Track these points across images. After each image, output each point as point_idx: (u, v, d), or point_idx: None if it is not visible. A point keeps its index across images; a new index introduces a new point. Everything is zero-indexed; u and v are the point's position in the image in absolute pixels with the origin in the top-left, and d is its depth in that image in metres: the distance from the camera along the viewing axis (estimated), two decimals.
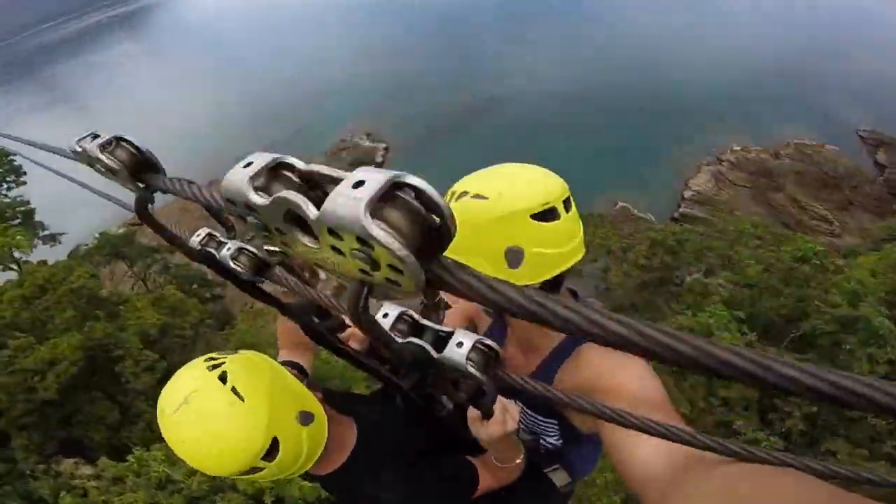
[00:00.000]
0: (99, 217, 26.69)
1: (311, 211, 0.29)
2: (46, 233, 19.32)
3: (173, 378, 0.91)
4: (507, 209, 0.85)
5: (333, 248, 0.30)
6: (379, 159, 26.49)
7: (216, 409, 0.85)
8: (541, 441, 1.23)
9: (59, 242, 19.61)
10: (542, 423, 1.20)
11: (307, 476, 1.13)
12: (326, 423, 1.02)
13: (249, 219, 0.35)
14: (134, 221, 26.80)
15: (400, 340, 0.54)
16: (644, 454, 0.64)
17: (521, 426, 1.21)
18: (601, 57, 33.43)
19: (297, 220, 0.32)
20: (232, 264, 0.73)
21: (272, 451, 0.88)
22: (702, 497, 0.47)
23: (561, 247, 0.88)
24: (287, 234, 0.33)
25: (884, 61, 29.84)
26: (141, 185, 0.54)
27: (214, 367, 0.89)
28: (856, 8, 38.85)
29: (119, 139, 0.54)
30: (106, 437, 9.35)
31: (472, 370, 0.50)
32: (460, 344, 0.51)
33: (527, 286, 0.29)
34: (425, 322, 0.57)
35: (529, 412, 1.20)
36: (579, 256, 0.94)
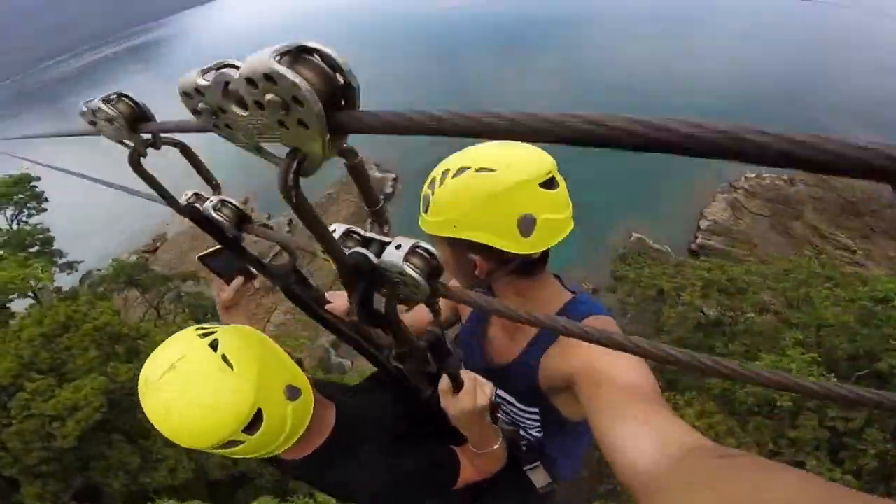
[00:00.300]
0: (112, 244, 26.76)
1: (234, 74, 0.36)
2: (64, 261, 19.06)
3: (160, 346, 0.88)
4: (519, 178, 0.86)
5: (257, 102, 0.34)
6: (388, 189, 26.32)
7: (204, 375, 0.83)
8: (521, 433, 1.19)
9: (76, 270, 19.40)
10: (522, 414, 1.15)
11: (277, 463, 1.08)
12: (313, 401, 0.99)
13: (201, 104, 0.41)
14: (146, 249, 27.05)
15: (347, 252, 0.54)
16: (636, 444, 0.61)
17: (500, 415, 1.18)
18: (603, 84, 33.83)
19: (234, 95, 0.37)
20: (214, 214, 0.76)
21: (255, 423, 0.85)
22: (692, 491, 0.46)
23: (563, 213, 0.92)
24: (227, 111, 0.39)
25: (893, 80, 29.92)
26: (138, 137, 0.62)
27: (205, 335, 0.88)
28: (860, 25, 39.49)
29: (120, 95, 0.62)
30: (125, 483, 8.75)
31: (411, 272, 0.49)
32: (399, 246, 0.52)
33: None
34: (371, 234, 0.57)
35: (509, 400, 1.16)
36: (572, 226, 0.95)
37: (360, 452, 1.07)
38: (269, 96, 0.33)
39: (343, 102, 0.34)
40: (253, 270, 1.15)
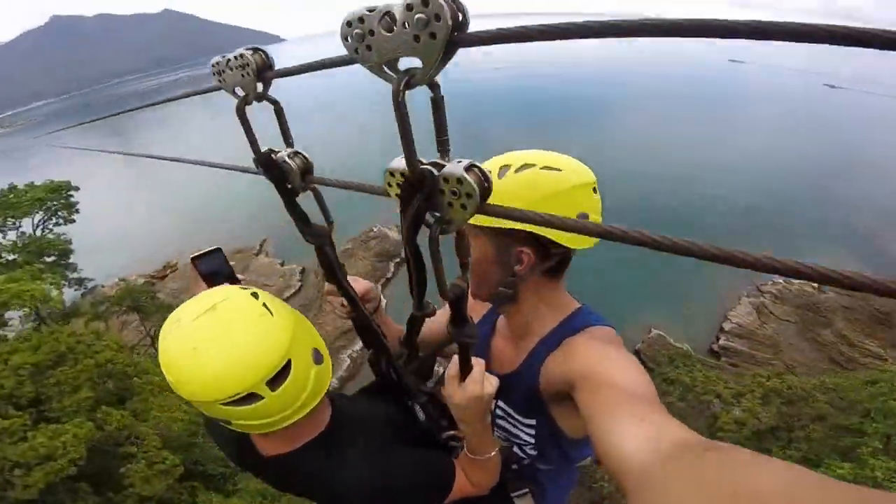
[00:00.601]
0: (121, 264, 26.86)
1: (396, 3, 0.48)
2: (76, 275, 18.81)
3: (197, 296, 0.87)
4: (581, 180, 0.93)
5: (406, 23, 0.47)
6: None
7: (244, 317, 0.83)
8: (514, 449, 1.17)
9: (86, 288, 19.06)
10: (519, 426, 1.13)
11: (257, 462, 1.04)
12: (331, 372, 0.97)
13: (356, 31, 0.51)
14: (155, 274, 26.97)
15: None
16: (629, 440, 0.62)
17: (497, 432, 1.18)
18: (629, 171, 33.97)
19: (387, 19, 0.49)
20: (287, 160, 0.83)
21: (280, 377, 0.83)
22: (682, 482, 0.46)
23: (600, 218, 0.97)
24: (375, 33, 0.50)
25: None
26: (259, 84, 0.76)
27: (244, 289, 0.90)
28: (888, 109, 39.54)
29: (257, 48, 0.76)
30: None
31: (469, 178, 0.55)
32: (459, 162, 0.58)
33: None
34: (434, 160, 0.63)
35: (508, 411, 1.14)
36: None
37: (351, 452, 1.03)
38: (418, 15, 0.44)
39: (460, 28, 0.45)
40: (239, 277, 1.19)
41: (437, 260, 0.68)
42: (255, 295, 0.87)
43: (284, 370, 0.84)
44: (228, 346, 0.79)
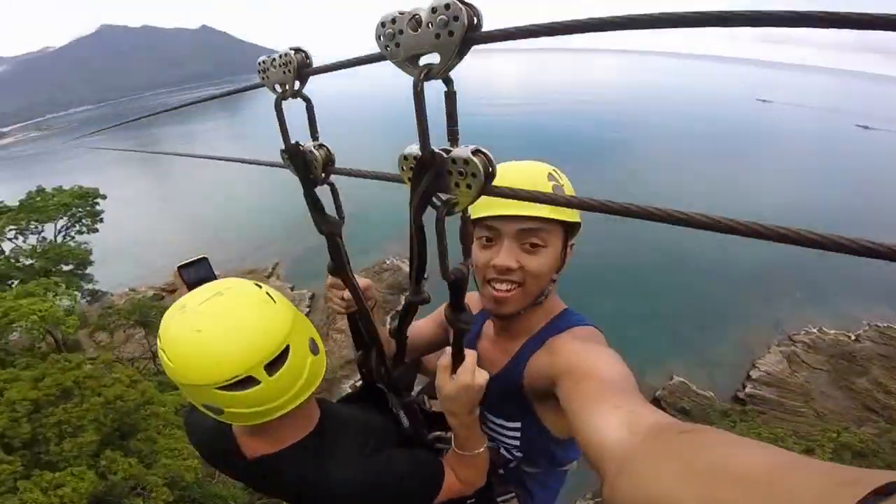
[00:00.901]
0: (132, 274, 26.59)
1: (423, 7, 0.56)
2: (90, 286, 18.27)
3: (202, 286, 0.90)
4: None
5: (429, 23, 0.53)
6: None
7: (249, 302, 0.86)
8: (500, 451, 1.17)
9: (98, 301, 18.50)
10: (504, 430, 1.15)
11: (240, 471, 1.04)
12: (325, 365, 0.99)
13: (388, 30, 0.57)
14: (165, 287, 26.59)
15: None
16: (606, 426, 0.62)
17: (483, 429, 1.16)
18: (646, 224, 33.91)
19: (414, 20, 0.55)
20: (313, 149, 0.91)
21: (278, 362, 0.85)
22: (658, 462, 0.46)
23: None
24: (403, 31, 0.57)
25: None
26: (297, 82, 0.85)
27: (248, 280, 0.94)
28: None
29: (298, 49, 0.84)
30: None
31: (475, 160, 0.59)
32: (467, 146, 0.61)
33: None
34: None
35: (491, 417, 1.17)
36: None
37: (341, 453, 1.02)
38: (441, 16, 0.51)
39: (474, 28, 0.52)
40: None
41: (442, 241, 0.70)
42: (258, 285, 0.92)
43: (283, 356, 0.86)
44: (233, 326, 0.82)
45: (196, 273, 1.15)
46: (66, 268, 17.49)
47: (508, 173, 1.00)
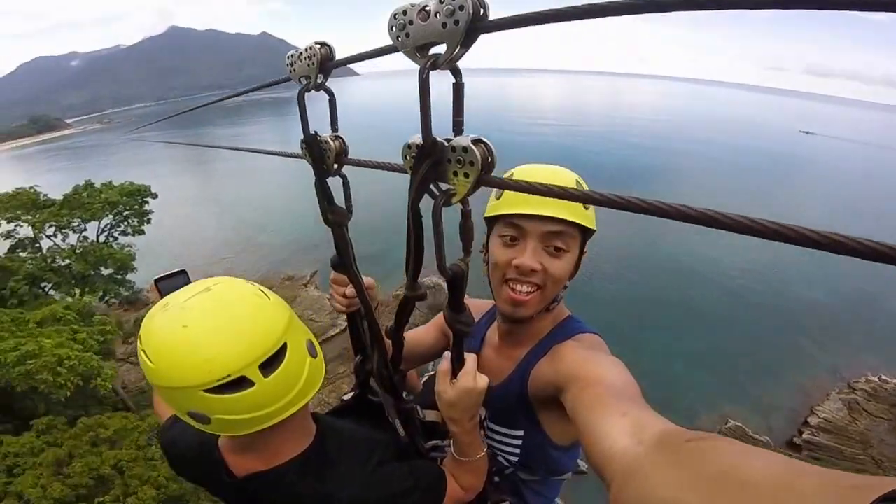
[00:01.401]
0: (151, 277, 25.75)
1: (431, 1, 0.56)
2: (129, 293, 16.97)
3: (188, 285, 0.83)
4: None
5: (437, 13, 0.54)
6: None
7: (241, 297, 0.79)
8: (498, 458, 1.16)
9: (133, 305, 17.29)
10: (506, 438, 1.13)
11: (227, 490, 0.95)
12: (324, 370, 0.92)
13: (399, 21, 0.58)
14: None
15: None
16: (612, 433, 0.62)
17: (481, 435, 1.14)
18: (686, 249, 30.86)
19: (423, 12, 0.55)
20: (330, 140, 0.91)
21: (274, 362, 0.78)
22: (664, 471, 0.46)
23: None
24: (413, 23, 0.56)
25: None
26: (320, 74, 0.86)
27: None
28: None
29: (323, 43, 0.85)
30: None
31: (474, 148, 0.58)
32: (468, 136, 0.61)
33: None
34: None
35: (493, 426, 1.15)
36: None
37: (343, 468, 0.96)
38: (447, 6, 0.51)
39: (481, 17, 0.52)
40: None
41: (439, 232, 0.69)
42: (250, 283, 0.86)
43: (279, 355, 0.79)
44: (224, 321, 0.75)
45: (174, 286, 1.06)
46: (105, 272, 16.26)
47: (538, 172, 1.01)
